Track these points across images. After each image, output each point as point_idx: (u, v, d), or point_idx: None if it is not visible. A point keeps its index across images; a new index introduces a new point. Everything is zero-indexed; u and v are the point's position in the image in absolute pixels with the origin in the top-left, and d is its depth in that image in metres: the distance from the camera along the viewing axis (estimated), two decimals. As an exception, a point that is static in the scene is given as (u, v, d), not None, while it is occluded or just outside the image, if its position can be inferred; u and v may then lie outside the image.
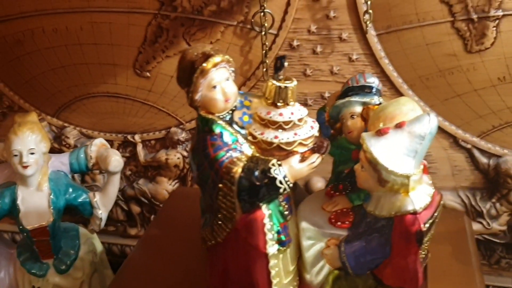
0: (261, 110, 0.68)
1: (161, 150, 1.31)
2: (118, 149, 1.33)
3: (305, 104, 1.18)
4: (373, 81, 0.78)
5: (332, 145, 0.82)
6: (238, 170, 0.65)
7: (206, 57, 0.65)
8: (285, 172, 0.65)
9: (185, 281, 0.89)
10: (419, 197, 0.65)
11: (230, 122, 0.69)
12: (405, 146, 0.64)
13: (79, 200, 1.03)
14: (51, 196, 0.98)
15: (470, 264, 0.90)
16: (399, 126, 0.65)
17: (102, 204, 1.04)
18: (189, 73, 0.65)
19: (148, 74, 1.22)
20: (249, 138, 0.69)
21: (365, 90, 0.78)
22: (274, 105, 0.67)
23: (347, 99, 0.77)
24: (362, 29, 1.10)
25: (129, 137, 1.32)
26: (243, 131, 0.69)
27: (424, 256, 0.73)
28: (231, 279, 0.72)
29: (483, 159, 1.16)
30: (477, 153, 1.16)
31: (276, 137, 0.66)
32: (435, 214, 0.67)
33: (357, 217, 0.71)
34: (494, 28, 1.02)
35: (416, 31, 1.06)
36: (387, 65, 1.12)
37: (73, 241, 1.06)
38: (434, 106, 1.14)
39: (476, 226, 1.19)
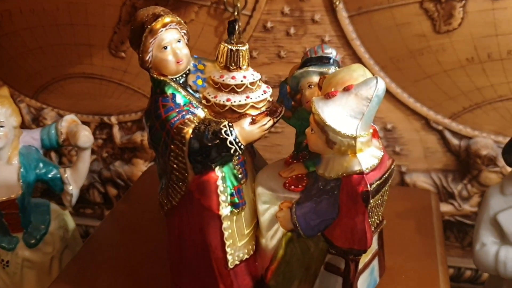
0: (214, 74, 0.69)
1: (136, 132, 1.32)
2: (94, 131, 1.34)
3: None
4: (331, 51, 0.79)
5: (293, 116, 0.83)
6: (189, 130, 0.66)
7: (156, 17, 0.66)
8: (236, 133, 0.66)
9: (150, 253, 0.90)
10: (366, 158, 0.66)
11: (184, 85, 0.70)
12: (351, 108, 0.65)
13: (50, 175, 1.03)
14: (21, 170, 0.99)
15: (432, 238, 0.91)
16: (346, 89, 0.66)
17: (73, 180, 1.05)
18: (139, 33, 0.66)
19: (123, 54, 1.23)
20: (203, 101, 0.70)
21: (323, 60, 0.79)
22: (227, 68, 0.68)
23: (304, 69, 0.78)
24: (334, 11, 1.11)
25: (105, 118, 1.33)
26: (197, 95, 0.70)
27: (378, 222, 0.74)
28: (186, 241, 0.73)
29: (455, 141, 1.17)
30: (448, 135, 1.17)
31: (228, 99, 0.67)
32: (385, 176, 0.67)
33: (310, 181, 0.72)
34: (461, 9, 1.03)
35: (386, 12, 1.08)
36: (358, 46, 1.13)
37: (44, 216, 1.06)
38: (406, 87, 1.15)
39: (447, 208, 1.21)
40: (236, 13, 1.12)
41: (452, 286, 1.22)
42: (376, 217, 0.72)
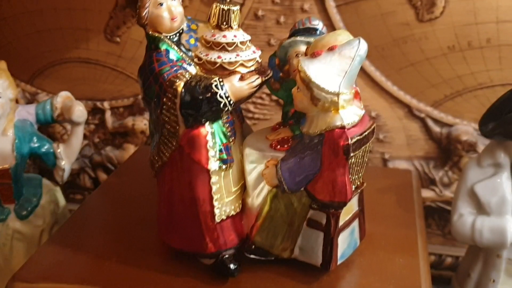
0: (206, 33, 0.73)
1: (128, 117, 1.35)
2: (87, 117, 1.37)
3: (268, 73, 1.23)
4: (318, 23, 0.84)
5: (281, 88, 0.87)
6: (180, 84, 0.69)
7: (154, -25, 0.70)
8: (226, 88, 0.70)
9: (139, 219, 0.92)
10: (348, 115, 0.70)
11: (177, 44, 0.74)
12: (335, 67, 0.69)
13: (43, 149, 1.06)
14: (16, 141, 1.02)
15: (412, 211, 0.95)
16: (331, 49, 0.70)
17: (66, 155, 1.08)
18: (138, -11, 0.70)
19: (118, 39, 1.27)
20: (195, 60, 0.73)
21: (310, 31, 0.83)
22: (219, 27, 0.72)
23: (292, 38, 0.82)
24: (323, 1, 1.16)
25: (98, 104, 1.36)
26: (189, 53, 0.74)
27: (358, 184, 0.77)
28: (175, 197, 0.76)
29: (436, 128, 1.21)
30: (430, 123, 1.21)
31: (219, 57, 0.71)
32: (365, 133, 0.71)
33: (295, 142, 0.76)
34: (443, -3, 1.09)
35: (372, 1, 1.13)
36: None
37: (36, 189, 1.09)
38: (390, 75, 1.20)
39: (429, 193, 1.24)
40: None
41: (433, 273, 1.25)
42: (356, 177, 0.75)
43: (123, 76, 1.31)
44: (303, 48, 0.81)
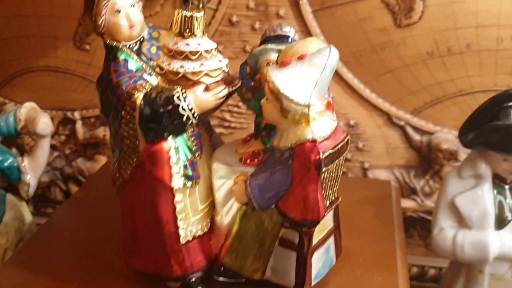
0: (169, 41, 0.68)
1: (99, 127, 1.30)
2: (57, 127, 1.32)
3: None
4: (289, 30, 0.80)
5: (253, 98, 0.83)
6: (140, 96, 0.65)
7: (109, -20, 0.66)
8: (189, 99, 0.65)
9: (106, 238, 0.87)
10: (319, 127, 0.65)
11: (138, 53, 0.69)
12: (305, 76, 0.65)
13: (6, 163, 1.01)
14: (-25, 156, 0.97)
15: (391, 224, 0.91)
16: (300, 58, 0.66)
17: (31, 169, 1.03)
18: (93, -4, 0.66)
19: (87, 47, 1.22)
20: (157, 70, 0.69)
21: (282, 39, 0.79)
22: (181, 35, 0.67)
23: (263, 46, 0.78)
24: (298, 6, 1.12)
25: (69, 114, 1.31)
26: (150, 63, 0.70)
27: (333, 199, 0.73)
28: (138, 217, 0.71)
29: (416, 136, 1.18)
30: (410, 131, 1.18)
31: (182, 66, 0.67)
32: (338, 146, 0.67)
33: (266, 155, 0.71)
34: (421, 2, 1.05)
35: (349, 6, 1.09)
36: (322, 41, 1.14)
37: (-2, 205, 1.03)
38: (368, 82, 1.16)
39: (410, 203, 1.21)
40: (201, 6, 1.12)
41: (415, 285, 1.22)
42: (330, 192, 0.71)
43: (93, 85, 1.24)
44: (274, 56, 0.77)
